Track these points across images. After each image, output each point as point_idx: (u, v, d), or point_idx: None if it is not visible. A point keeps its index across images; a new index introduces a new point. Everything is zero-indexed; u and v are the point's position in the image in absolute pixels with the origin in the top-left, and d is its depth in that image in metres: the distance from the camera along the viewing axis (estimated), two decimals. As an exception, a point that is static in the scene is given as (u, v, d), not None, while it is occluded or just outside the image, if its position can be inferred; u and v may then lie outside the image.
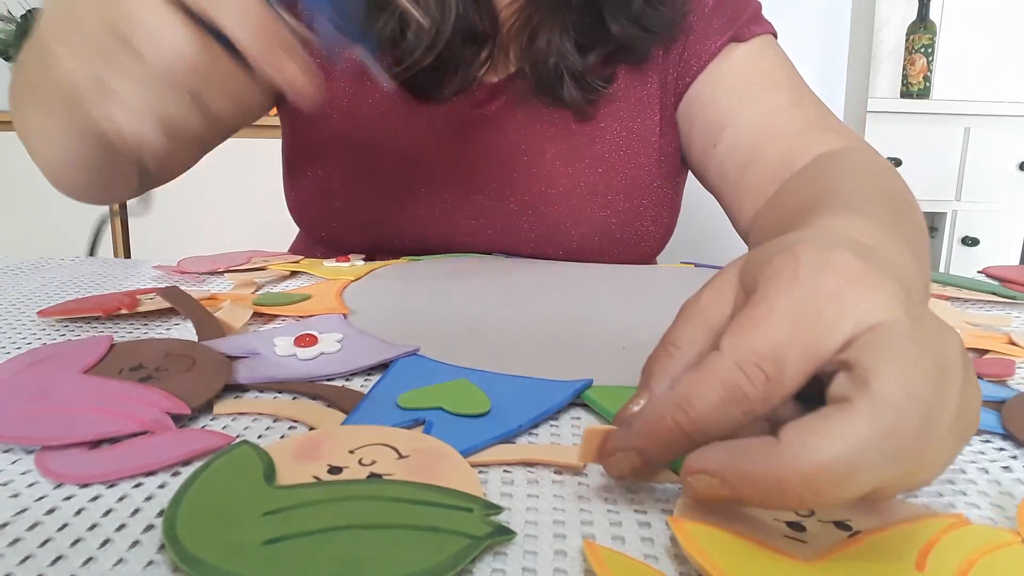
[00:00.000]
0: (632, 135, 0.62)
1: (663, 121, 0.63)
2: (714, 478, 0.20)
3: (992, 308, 0.48)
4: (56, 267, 0.55)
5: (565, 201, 0.62)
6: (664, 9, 0.60)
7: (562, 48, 0.59)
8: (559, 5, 0.58)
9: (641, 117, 0.63)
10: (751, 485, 0.19)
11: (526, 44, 0.60)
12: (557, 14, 0.59)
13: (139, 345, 0.35)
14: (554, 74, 0.59)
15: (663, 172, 0.64)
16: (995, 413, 0.30)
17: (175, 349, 0.34)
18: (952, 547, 0.20)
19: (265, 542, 0.19)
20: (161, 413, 0.27)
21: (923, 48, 2.10)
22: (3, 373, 0.32)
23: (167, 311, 0.43)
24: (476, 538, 0.20)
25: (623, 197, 0.62)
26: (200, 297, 0.44)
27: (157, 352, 0.34)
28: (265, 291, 0.49)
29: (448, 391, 0.30)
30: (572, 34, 0.59)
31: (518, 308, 0.45)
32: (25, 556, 0.20)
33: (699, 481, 0.20)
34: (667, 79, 0.63)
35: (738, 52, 0.61)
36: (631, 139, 0.62)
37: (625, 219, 0.63)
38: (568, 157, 0.62)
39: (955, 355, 0.21)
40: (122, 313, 0.41)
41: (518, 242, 0.63)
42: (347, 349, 0.36)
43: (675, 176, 0.66)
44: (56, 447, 0.25)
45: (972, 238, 2.04)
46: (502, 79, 0.62)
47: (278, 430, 0.28)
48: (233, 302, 0.43)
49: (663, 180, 0.64)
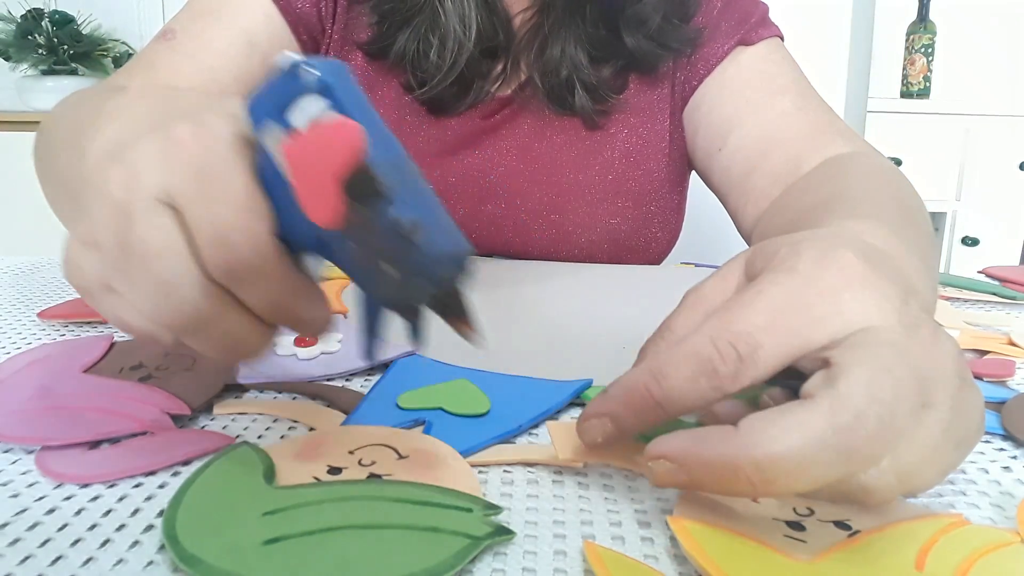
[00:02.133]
0: (642, 141, 0.62)
1: (672, 126, 0.63)
2: (672, 463, 0.21)
3: (992, 308, 0.48)
4: (56, 267, 0.55)
5: (575, 208, 0.61)
6: (681, 25, 0.59)
7: (575, 60, 0.58)
8: (573, 16, 0.58)
9: (651, 123, 0.62)
10: (706, 469, 0.20)
11: (536, 53, 0.59)
12: (571, 25, 0.58)
13: (139, 345, 0.35)
14: (566, 84, 0.59)
15: (672, 178, 0.64)
16: (995, 414, 0.30)
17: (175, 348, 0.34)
18: (951, 547, 0.20)
19: (265, 542, 0.19)
20: (161, 413, 0.27)
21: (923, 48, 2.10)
22: (3, 373, 0.32)
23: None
24: (476, 538, 0.20)
25: (632, 204, 0.62)
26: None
27: (157, 352, 0.34)
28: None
29: (448, 391, 0.30)
30: (586, 46, 0.58)
31: (518, 308, 0.45)
32: (25, 556, 0.20)
33: (659, 466, 0.21)
34: (674, 84, 0.63)
35: (745, 56, 0.61)
36: (641, 146, 0.62)
37: (635, 225, 0.63)
38: (578, 164, 0.61)
39: (948, 364, 0.21)
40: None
41: (528, 250, 0.63)
42: (347, 349, 0.36)
43: (682, 181, 0.66)
44: (56, 447, 0.25)
45: (972, 238, 2.04)
46: (513, 90, 0.61)
47: (278, 430, 0.28)
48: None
49: (672, 186, 0.64)
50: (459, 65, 0.57)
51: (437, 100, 0.60)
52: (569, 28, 0.58)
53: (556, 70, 0.59)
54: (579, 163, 0.61)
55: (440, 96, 0.59)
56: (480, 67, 0.59)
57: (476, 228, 0.63)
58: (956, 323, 0.43)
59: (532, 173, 0.62)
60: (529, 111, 0.62)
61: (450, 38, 0.57)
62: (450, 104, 0.60)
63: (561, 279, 0.54)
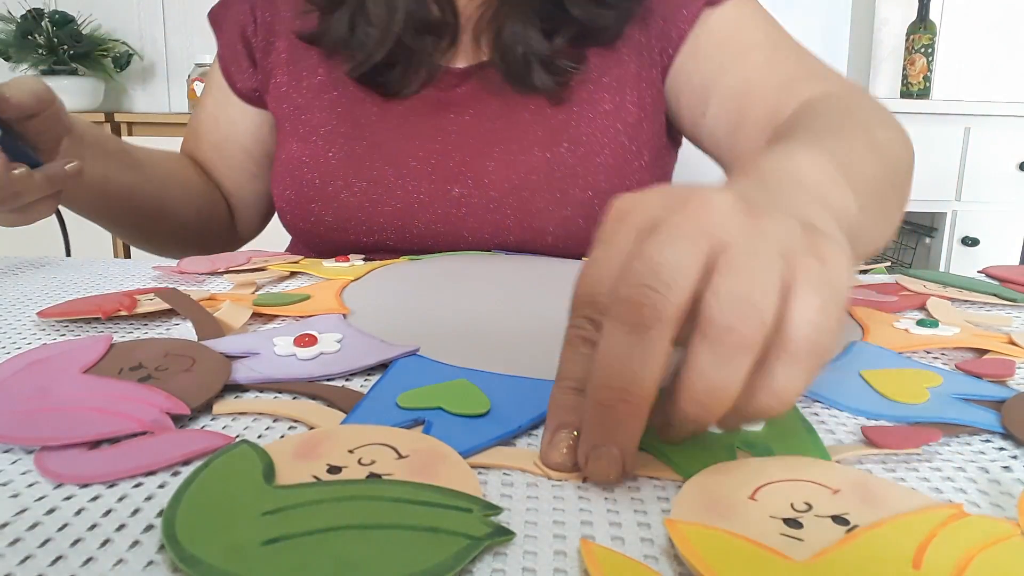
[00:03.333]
0: (610, 116, 0.63)
1: (642, 100, 0.63)
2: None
3: (992, 308, 0.48)
4: (56, 267, 0.55)
5: (546, 186, 0.62)
6: None
7: (527, 36, 0.60)
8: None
9: (619, 97, 0.63)
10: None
11: (495, 36, 0.61)
12: (521, 3, 0.60)
13: (139, 345, 0.35)
14: (523, 62, 0.60)
15: (648, 152, 0.64)
16: (995, 413, 0.30)
17: (175, 349, 0.34)
18: (950, 542, 0.20)
19: (264, 542, 0.19)
20: (161, 413, 0.27)
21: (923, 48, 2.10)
22: (3, 373, 0.32)
23: (167, 311, 0.43)
24: (475, 538, 0.20)
25: (604, 178, 0.62)
26: (199, 298, 0.44)
27: (157, 352, 0.34)
28: (265, 291, 0.49)
29: (448, 391, 0.30)
30: (536, 21, 0.60)
31: (519, 308, 0.45)
32: (25, 556, 0.20)
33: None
34: (651, 56, 0.64)
35: (713, 18, 0.62)
36: (609, 120, 0.62)
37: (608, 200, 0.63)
38: (546, 142, 0.62)
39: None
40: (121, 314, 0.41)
41: (501, 229, 0.63)
42: (347, 349, 0.36)
43: (663, 156, 0.66)
44: (56, 447, 0.25)
45: (972, 238, 2.04)
46: (472, 65, 0.63)
47: (278, 430, 0.28)
48: (232, 302, 0.43)
49: (648, 160, 0.64)
50: (387, 41, 0.60)
51: (382, 81, 0.62)
52: (520, 6, 0.60)
53: (512, 49, 0.60)
54: (547, 140, 0.62)
55: (382, 77, 0.62)
56: (422, 44, 0.61)
57: (444, 210, 0.63)
58: (957, 322, 0.43)
59: (499, 153, 0.62)
60: (493, 92, 0.63)
61: (375, 17, 0.60)
62: (398, 83, 0.62)
63: (563, 277, 0.54)
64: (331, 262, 0.57)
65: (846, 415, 0.30)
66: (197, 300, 0.43)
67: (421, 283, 0.51)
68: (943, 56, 2.20)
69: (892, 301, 0.48)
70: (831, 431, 0.29)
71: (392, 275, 0.54)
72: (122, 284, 0.51)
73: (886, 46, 2.22)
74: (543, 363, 0.35)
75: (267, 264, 0.55)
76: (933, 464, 0.26)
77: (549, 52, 0.60)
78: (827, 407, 0.31)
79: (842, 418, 0.30)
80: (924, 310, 0.46)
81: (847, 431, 0.29)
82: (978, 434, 0.29)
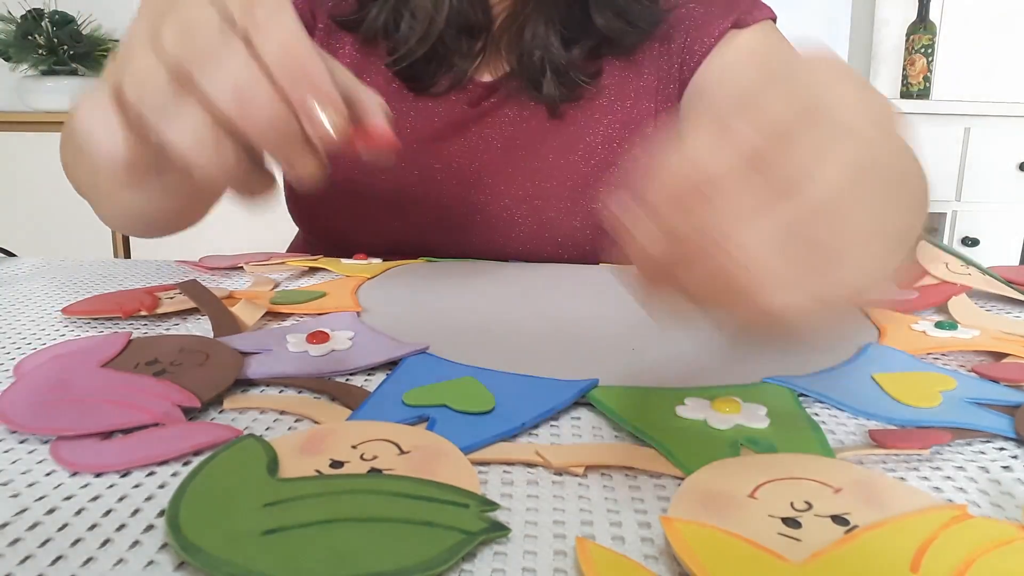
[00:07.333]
0: (626, 128, 0.63)
1: (658, 112, 0.63)
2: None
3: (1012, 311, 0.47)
4: (81, 267, 0.57)
5: (559, 194, 0.62)
6: (650, 5, 0.61)
7: (547, 41, 0.60)
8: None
9: (636, 109, 0.63)
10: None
11: (515, 38, 0.61)
12: (545, 7, 0.60)
13: (155, 340, 0.36)
14: (539, 68, 0.60)
15: None
16: (1009, 418, 0.29)
17: (190, 345, 0.35)
18: (952, 544, 0.20)
19: (264, 532, 0.20)
20: (172, 406, 0.28)
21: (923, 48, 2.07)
22: (27, 366, 0.33)
23: (186, 310, 0.44)
24: (470, 533, 0.20)
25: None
26: (219, 295, 0.45)
27: (172, 347, 0.35)
28: (283, 288, 0.49)
29: (454, 389, 0.30)
30: (558, 27, 0.60)
31: (529, 308, 0.45)
32: (25, 556, 0.20)
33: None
34: (670, 70, 0.63)
35: (740, 39, 0.62)
36: (624, 132, 0.63)
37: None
38: (561, 150, 0.62)
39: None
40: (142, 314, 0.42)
41: (512, 236, 0.63)
42: (358, 347, 0.36)
43: None
44: (70, 437, 0.26)
45: (972, 238, 2.01)
46: (497, 78, 0.63)
47: (285, 424, 0.28)
48: (247, 300, 0.44)
49: None
50: (429, 38, 0.59)
51: (414, 75, 0.62)
52: (543, 10, 0.60)
53: (530, 52, 0.60)
54: (563, 149, 0.62)
55: (415, 71, 0.61)
56: (459, 44, 0.61)
57: (461, 215, 0.63)
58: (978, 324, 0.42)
59: (515, 160, 0.63)
60: (514, 99, 0.63)
61: (420, 11, 0.59)
62: (428, 80, 0.62)
63: (570, 280, 0.54)
64: (349, 260, 0.58)
65: (847, 415, 0.30)
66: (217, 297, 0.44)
67: (435, 283, 0.52)
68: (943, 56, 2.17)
69: (913, 298, 0.47)
70: (831, 431, 0.29)
71: (407, 274, 0.54)
72: (145, 280, 0.52)
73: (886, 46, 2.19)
74: (551, 362, 0.35)
75: (286, 260, 0.56)
76: (933, 464, 0.26)
77: (564, 62, 0.60)
78: (828, 407, 0.31)
79: (842, 418, 0.30)
80: (945, 311, 0.46)
81: (847, 431, 0.29)
82: (982, 435, 0.28)
